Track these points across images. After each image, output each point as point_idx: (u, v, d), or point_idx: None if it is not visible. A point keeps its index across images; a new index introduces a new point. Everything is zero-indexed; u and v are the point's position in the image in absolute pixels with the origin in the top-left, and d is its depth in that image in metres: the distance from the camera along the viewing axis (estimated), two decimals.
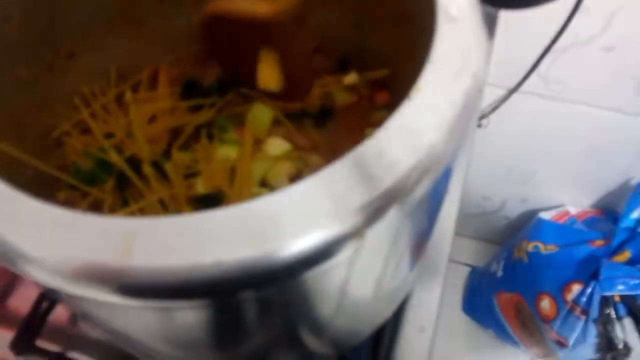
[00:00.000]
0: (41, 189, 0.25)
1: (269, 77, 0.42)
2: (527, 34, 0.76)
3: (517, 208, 1.19)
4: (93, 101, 0.47)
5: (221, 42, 0.40)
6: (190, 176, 0.45)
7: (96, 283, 0.23)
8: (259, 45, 0.37)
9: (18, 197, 0.25)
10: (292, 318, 0.33)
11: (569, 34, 0.73)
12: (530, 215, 1.14)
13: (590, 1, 0.68)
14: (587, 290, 0.89)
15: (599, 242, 0.95)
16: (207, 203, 0.43)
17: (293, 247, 0.23)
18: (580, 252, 0.94)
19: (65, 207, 0.24)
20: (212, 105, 0.49)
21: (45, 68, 0.42)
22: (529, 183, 1.10)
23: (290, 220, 0.23)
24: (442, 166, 0.26)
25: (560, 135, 0.95)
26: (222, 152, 0.46)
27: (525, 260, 1.02)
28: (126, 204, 0.44)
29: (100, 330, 0.39)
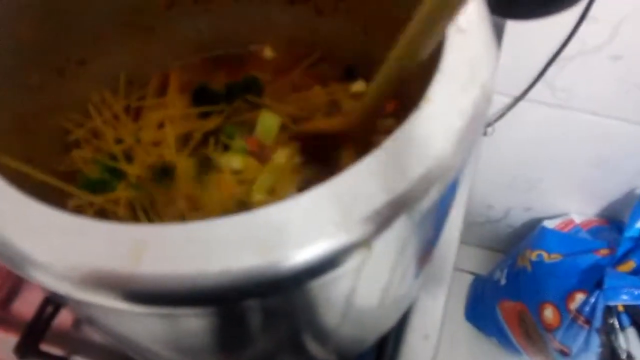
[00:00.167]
0: (50, 196, 0.25)
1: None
2: (533, 42, 0.76)
3: (521, 216, 1.18)
4: (103, 107, 0.47)
5: (313, 147, 0.46)
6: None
7: (104, 289, 0.23)
8: (340, 145, 0.43)
9: (27, 202, 0.25)
10: (297, 326, 0.33)
11: (576, 42, 0.73)
12: (535, 224, 1.14)
13: (597, 10, 0.68)
14: (591, 300, 0.88)
15: (604, 252, 0.94)
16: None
17: (300, 256, 0.23)
18: (584, 261, 0.94)
19: (74, 214, 0.24)
20: (221, 112, 0.49)
21: (56, 74, 0.43)
22: (534, 191, 1.09)
23: (297, 229, 0.23)
24: (451, 176, 0.26)
25: (566, 143, 0.94)
26: (228, 160, 0.46)
27: (529, 269, 1.01)
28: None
29: (104, 336, 0.39)
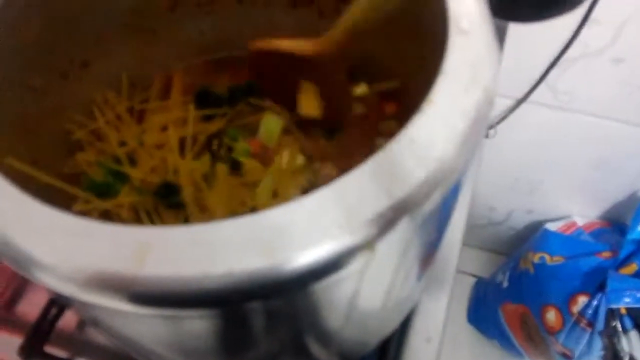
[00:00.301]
0: (54, 199, 0.25)
1: (309, 105, 0.46)
2: (536, 44, 0.76)
3: (524, 219, 1.18)
4: (106, 109, 0.47)
5: (267, 74, 0.43)
6: None
7: (108, 291, 0.23)
8: (301, 78, 0.41)
9: (32, 204, 0.25)
10: (300, 328, 0.33)
11: (578, 44, 0.73)
12: (537, 226, 1.14)
13: (599, 12, 0.68)
14: (593, 303, 0.88)
15: (606, 254, 0.94)
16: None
17: (303, 258, 0.23)
18: (586, 263, 0.93)
19: (78, 215, 0.24)
20: (223, 115, 0.49)
21: (60, 76, 0.43)
22: (536, 193, 1.09)
23: (300, 232, 0.23)
24: (453, 179, 0.26)
25: (568, 145, 0.94)
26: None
27: (531, 271, 1.01)
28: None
29: (109, 337, 0.39)
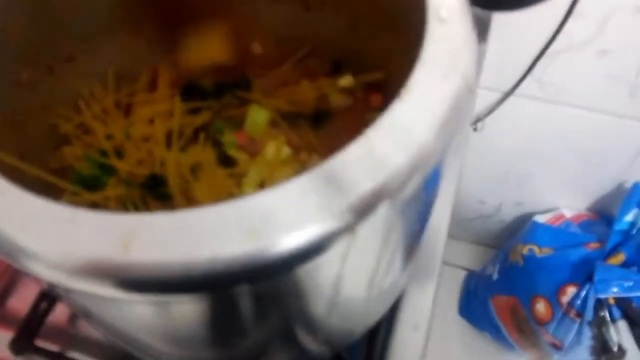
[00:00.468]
0: (43, 193, 0.26)
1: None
2: (521, 36, 0.77)
3: (513, 212, 1.19)
4: (93, 102, 0.47)
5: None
6: None
7: (95, 277, 0.23)
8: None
9: (20, 193, 0.25)
10: (288, 314, 0.33)
11: (563, 37, 0.74)
12: (526, 219, 1.14)
13: (584, 5, 0.69)
14: (582, 293, 0.89)
15: (594, 245, 0.95)
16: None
17: (287, 242, 0.23)
18: (575, 254, 0.94)
19: (66, 204, 0.25)
20: (210, 107, 0.49)
21: (47, 70, 0.43)
22: (525, 186, 1.10)
23: (284, 216, 0.23)
24: (433, 163, 0.26)
25: (555, 138, 0.95)
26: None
27: (521, 263, 1.02)
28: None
29: (100, 329, 0.40)
